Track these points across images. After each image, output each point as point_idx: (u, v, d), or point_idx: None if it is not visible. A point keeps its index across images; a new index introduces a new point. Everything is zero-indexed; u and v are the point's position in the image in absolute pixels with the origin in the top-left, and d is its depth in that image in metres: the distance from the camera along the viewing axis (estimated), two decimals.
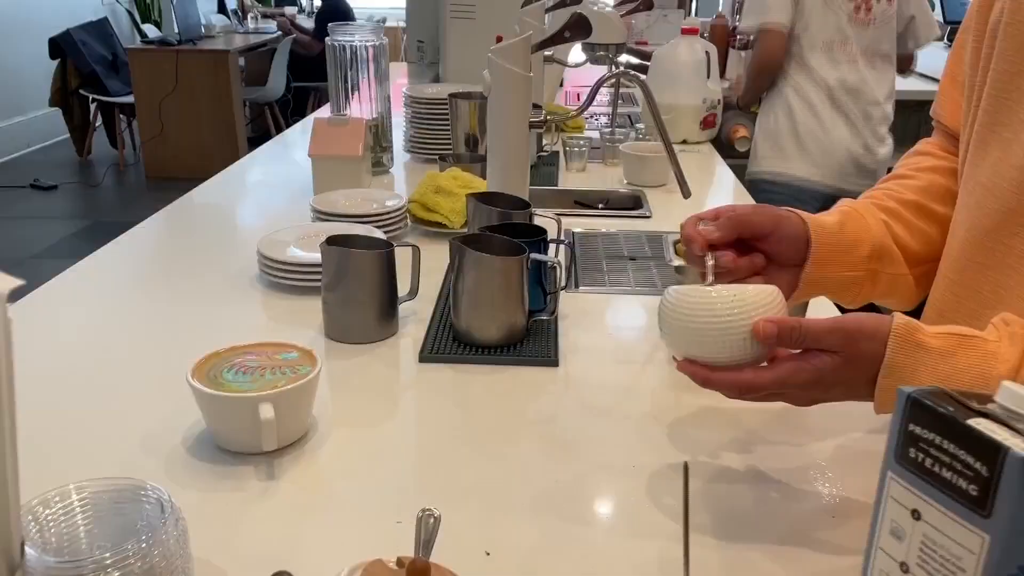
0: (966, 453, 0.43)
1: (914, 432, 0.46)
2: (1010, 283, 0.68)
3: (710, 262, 0.71)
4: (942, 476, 0.44)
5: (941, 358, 0.60)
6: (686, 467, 0.64)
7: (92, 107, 5.50)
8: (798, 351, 0.63)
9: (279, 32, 6.01)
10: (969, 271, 0.72)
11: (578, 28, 1.21)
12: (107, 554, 0.51)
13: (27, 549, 0.43)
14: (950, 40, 3.75)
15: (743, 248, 0.76)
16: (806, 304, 1.05)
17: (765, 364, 0.63)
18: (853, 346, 0.61)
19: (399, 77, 2.74)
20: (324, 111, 2.24)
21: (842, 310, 1.17)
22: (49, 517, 0.55)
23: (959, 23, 0.82)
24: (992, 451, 0.41)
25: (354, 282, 1.02)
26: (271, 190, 1.75)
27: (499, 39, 1.44)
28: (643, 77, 1.50)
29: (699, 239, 0.72)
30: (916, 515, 0.46)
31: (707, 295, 0.62)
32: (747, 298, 0.61)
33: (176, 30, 5.46)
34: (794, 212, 0.78)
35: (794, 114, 2.29)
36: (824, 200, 2.23)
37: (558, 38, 1.25)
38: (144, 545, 0.52)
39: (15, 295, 0.45)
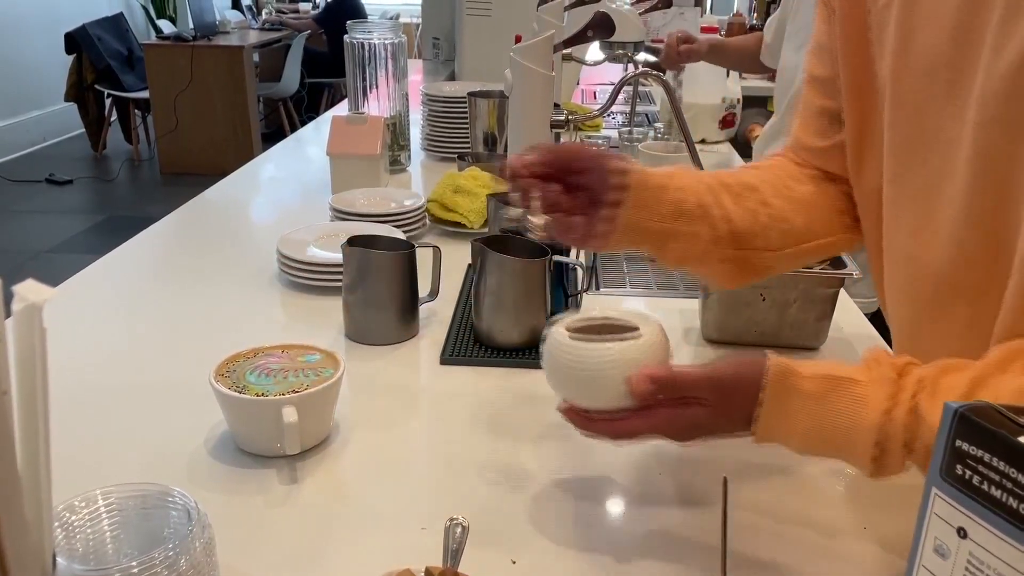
0: (1017, 472, 0.41)
1: (961, 448, 0.45)
2: (958, 348, 0.67)
3: (535, 195, 0.71)
4: (991, 494, 0.43)
5: (815, 401, 0.61)
6: (725, 482, 0.64)
7: (107, 102, 5.52)
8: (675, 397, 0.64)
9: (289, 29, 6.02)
10: (919, 339, 0.73)
11: (601, 27, 1.20)
12: (134, 562, 0.50)
13: (58, 559, 0.42)
14: None
15: (568, 187, 0.73)
16: (836, 297, 1.03)
17: (642, 412, 0.64)
18: (726, 399, 0.63)
19: (413, 74, 2.73)
20: (341, 108, 2.23)
21: (877, 325, 1.15)
22: (75, 523, 0.54)
23: None
24: None
25: (376, 283, 1.02)
26: (287, 188, 1.74)
27: (518, 39, 1.43)
28: (665, 76, 1.49)
29: (523, 171, 0.71)
30: (962, 533, 0.45)
31: (588, 349, 0.65)
32: (627, 352, 0.64)
33: (191, 25, 5.48)
34: (619, 155, 0.76)
35: None
36: None
37: (581, 37, 1.24)
38: (171, 553, 0.51)
39: None
